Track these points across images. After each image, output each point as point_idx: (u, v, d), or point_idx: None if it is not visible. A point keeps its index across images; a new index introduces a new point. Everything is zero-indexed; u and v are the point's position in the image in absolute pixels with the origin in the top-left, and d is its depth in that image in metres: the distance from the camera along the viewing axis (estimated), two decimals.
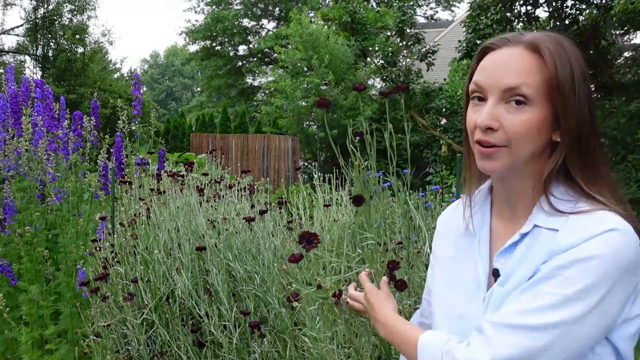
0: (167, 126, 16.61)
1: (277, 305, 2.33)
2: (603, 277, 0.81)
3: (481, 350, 0.86)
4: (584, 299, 0.81)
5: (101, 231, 3.08)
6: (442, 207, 3.16)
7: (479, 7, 8.22)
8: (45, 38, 23.01)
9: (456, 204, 1.11)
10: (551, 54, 0.88)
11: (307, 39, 14.30)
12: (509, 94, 0.88)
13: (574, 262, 0.83)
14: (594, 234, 0.83)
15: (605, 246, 0.82)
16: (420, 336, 0.99)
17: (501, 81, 0.89)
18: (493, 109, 0.89)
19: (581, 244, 0.83)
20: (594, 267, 0.81)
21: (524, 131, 0.88)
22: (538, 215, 0.91)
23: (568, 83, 0.88)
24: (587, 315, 0.82)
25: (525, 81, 0.87)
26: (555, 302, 0.82)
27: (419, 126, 9.79)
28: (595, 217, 0.85)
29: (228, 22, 26.47)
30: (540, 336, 0.82)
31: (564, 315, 0.81)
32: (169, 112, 37.72)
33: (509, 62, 0.90)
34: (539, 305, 0.83)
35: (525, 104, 0.88)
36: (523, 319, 0.83)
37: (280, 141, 14.02)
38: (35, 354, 3.01)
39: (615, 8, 6.42)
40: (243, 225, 2.60)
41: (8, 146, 3.63)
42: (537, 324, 0.82)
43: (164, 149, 4.38)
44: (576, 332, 0.82)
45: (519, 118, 0.88)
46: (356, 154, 1.57)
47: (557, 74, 0.87)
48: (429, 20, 27.91)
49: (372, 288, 1.18)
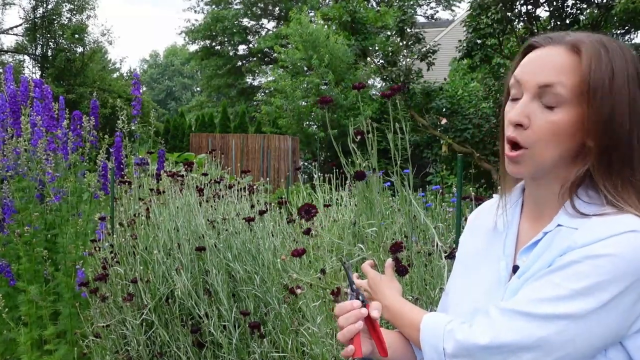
0: (167, 126, 16.60)
1: (277, 305, 2.32)
2: (615, 277, 0.80)
3: (482, 332, 0.87)
4: (592, 295, 0.80)
5: (100, 231, 3.07)
6: (442, 207, 3.15)
7: (480, 6, 8.21)
8: (44, 38, 23.01)
9: (490, 202, 1.11)
10: (589, 54, 0.86)
11: (307, 38, 14.29)
12: (543, 91, 0.87)
13: (586, 257, 0.81)
14: (612, 234, 0.81)
15: (621, 246, 0.80)
16: (424, 317, 1.00)
17: (537, 78, 0.88)
18: (526, 106, 0.89)
19: (597, 242, 0.82)
20: (605, 264, 0.80)
21: (551, 132, 0.86)
22: (562, 216, 0.90)
23: (603, 87, 0.84)
24: (593, 312, 0.80)
25: (560, 80, 0.86)
26: (563, 294, 0.81)
27: (419, 126, 9.78)
28: (617, 218, 0.83)
29: (228, 22, 26.46)
30: (542, 325, 0.82)
31: (570, 309, 0.81)
32: (168, 112, 37.71)
33: (547, 60, 0.89)
34: (546, 295, 0.83)
35: (558, 105, 0.86)
36: (528, 307, 0.83)
37: (280, 141, 14.01)
38: (34, 355, 3.00)
39: (616, 7, 6.41)
40: (243, 225, 2.59)
41: (7, 146, 3.62)
42: (542, 313, 0.82)
43: (164, 149, 4.38)
44: (580, 329, 0.81)
45: (549, 117, 0.87)
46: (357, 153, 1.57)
47: (591, 76, 0.85)
48: (429, 19, 27.90)
49: (375, 274, 1.19)
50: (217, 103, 27.16)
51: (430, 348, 0.96)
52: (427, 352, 0.96)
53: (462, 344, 0.90)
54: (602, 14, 7.49)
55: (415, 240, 1.99)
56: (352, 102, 13.57)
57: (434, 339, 0.95)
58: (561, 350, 0.82)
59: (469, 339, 0.88)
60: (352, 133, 1.57)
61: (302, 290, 1.85)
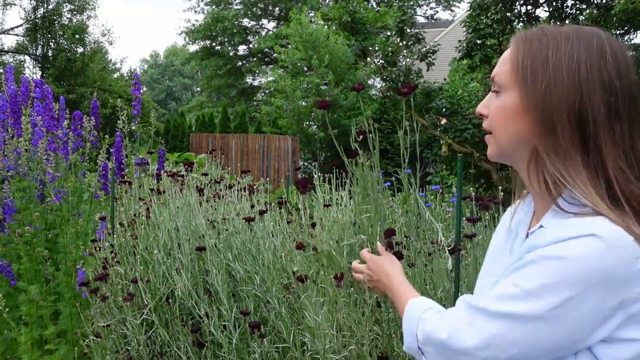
0: (167, 126, 16.60)
1: (277, 305, 2.32)
2: (566, 281, 0.78)
3: (443, 326, 0.91)
4: (542, 297, 0.79)
5: (101, 231, 3.07)
6: (442, 207, 3.16)
7: (479, 7, 8.22)
8: (44, 38, 23.00)
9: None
10: (523, 41, 0.92)
11: (307, 38, 14.29)
12: (493, 82, 0.97)
13: (541, 258, 0.81)
14: (570, 236, 0.80)
15: (574, 250, 0.78)
16: (409, 301, 1.06)
17: (493, 73, 0.99)
18: (487, 98, 0.99)
19: (555, 243, 0.81)
20: (555, 267, 0.79)
21: (498, 115, 0.95)
22: (546, 216, 0.91)
23: (534, 70, 0.88)
24: (541, 315, 0.79)
25: (500, 70, 0.95)
26: (516, 293, 0.82)
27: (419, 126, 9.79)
28: (583, 220, 0.82)
29: (228, 22, 26.45)
30: (494, 322, 0.83)
31: (519, 309, 0.81)
32: (168, 112, 37.72)
33: (501, 57, 0.98)
34: (499, 292, 0.85)
35: (500, 91, 0.95)
36: (483, 303, 0.86)
37: (280, 141, 14.01)
38: (34, 354, 3.00)
39: (615, 8, 6.42)
40: (243, 225, 2.60)
41: (8, 146, 3.62)
42: (494, 310, 0.83)
43: (164, 149, 4.38)
44: (529, 330, 0.80)
45: (496, 102, 0.95)
46: (359, 152, 1.60)
47: (522, 60, 0.90)
48: (429, 20, 27.90)
49: (373, 257, 1.27)
50: (217, 103, 27.16)
51: (407, 332, 1.01)
52: (405, 335, 1.02)
53: (428, 335, 0.95)
54: (602, 14, 7.49)
55: (415, 240, 2.00)
56: (352, 102, 13.56)
57: (411, 324, 1.00)
58: (513, 348, 0.82)
59: (434, 330, 0.93)
60: (355, 133, 1.59)
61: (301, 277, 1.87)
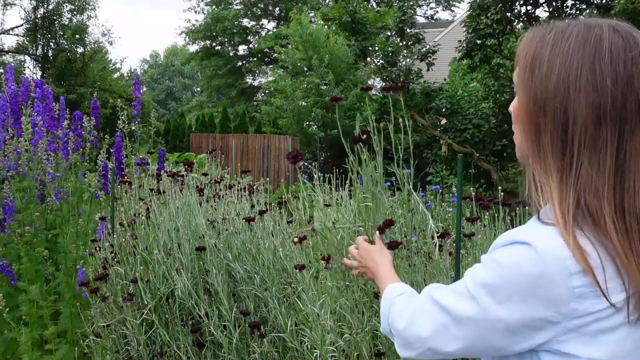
0: (167, 126, 16.60)
1: (277, 305, 2.33)
2: (498, 285, 0.80)
3: (405, 311, 0.96)
4: (475, 299, 0.82)
5: (101, 231, 3.07)
6: (442, 207, 3.16)
7: (479, 7, 8.22)
8: (45, 38, 23.00)
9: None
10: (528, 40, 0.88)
11: (307, 39, 14.29)
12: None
13: (486, 259, 0.84)
14: (504, 242, 0.82)
15: (508, 257, 0.80)
16: (388, 285, 1.10)
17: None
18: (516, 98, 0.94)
19: (499, 248, 0.83)
20: (490, 270, 0.82)
21: (513, 116, 0.91)
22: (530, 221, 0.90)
23: (532, 69, 0.84)
24: (473, 316, 0.82)
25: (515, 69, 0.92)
26: (460, 290, 0.86)
27: (419, 126, 9.78)
28: (531, 228, 0.83)
29: (228, 22, 26.43)
30: (443, 315, 0.87)
31: (458, 306, 0.84)
32: (169, 112, 37.70)
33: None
34: (453, 287, 0.89)
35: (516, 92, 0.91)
36: (439, 294, 0.90)
37: (280, 141, 14.01)
38: (35, 354, 3.00)
39: (615, 8, 6.42)
40: (243, 225, 2.60)
41: (8, 146, 3.62)
42: (442, 304, 0.87)
43: (164, 149, 4.38)
44: (468, 328, 0.84)
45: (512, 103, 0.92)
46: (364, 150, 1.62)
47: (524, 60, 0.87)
48: (429, 20, 27.90)
49: (365, 244, 1.31)
50: (217, 103, 27.15)
51: (382, 315, 1.05)
52: (381, 319, 1.05)
53: (391, 322, 1.00)
54: (602, 14, 7.49)
55: (415, 240, 2.00)
56: (352, 102, 13.56)
57: (385, 307, 1.04)
58: (455, 343, 0.85)
59: (394, 319, 0.98)
60: (359, 132, 1.61)
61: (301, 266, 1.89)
